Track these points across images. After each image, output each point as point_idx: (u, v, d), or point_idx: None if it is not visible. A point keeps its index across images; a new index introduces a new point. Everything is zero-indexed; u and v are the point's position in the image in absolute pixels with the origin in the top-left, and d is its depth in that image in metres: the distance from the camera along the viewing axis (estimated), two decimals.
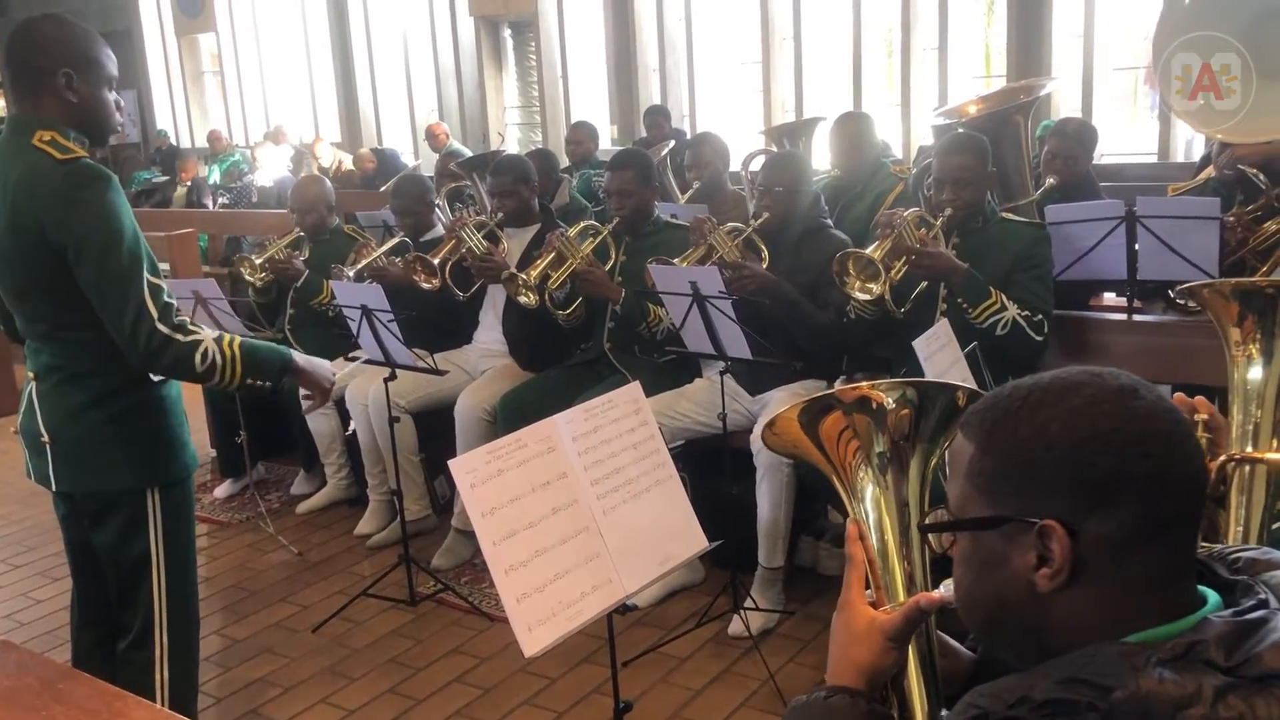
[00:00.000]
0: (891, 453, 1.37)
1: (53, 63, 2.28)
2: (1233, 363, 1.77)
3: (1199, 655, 0.92)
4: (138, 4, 14.15)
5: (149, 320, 2.24)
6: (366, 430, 4.27)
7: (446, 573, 3.92)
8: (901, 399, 1.37)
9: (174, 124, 14.52)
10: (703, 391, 3.71)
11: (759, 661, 3.20)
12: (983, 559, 1.05)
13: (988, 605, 1.06)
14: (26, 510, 4.85)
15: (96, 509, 2.45)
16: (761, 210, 3.68)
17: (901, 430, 1.37)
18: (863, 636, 1.24)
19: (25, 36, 2.30)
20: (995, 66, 9.27)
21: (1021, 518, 1.00)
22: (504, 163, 4.41)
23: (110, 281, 2.24)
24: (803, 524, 3.73)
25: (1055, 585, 0.99)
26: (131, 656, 2.50)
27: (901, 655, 1.25)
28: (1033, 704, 0.93)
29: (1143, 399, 0.99)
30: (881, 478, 1.37)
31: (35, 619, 3.82)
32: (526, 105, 11.82)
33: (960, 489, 1.06)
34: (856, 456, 1.38)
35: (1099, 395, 0.99)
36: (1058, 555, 0.98)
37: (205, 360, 2.31)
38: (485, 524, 1.97)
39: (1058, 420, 0.99)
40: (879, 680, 1.25)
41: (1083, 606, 0.99)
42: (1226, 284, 1.84)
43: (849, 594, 1.28)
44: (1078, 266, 3.82)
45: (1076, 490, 0.98)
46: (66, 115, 2.30)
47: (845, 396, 1.39)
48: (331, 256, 4.63)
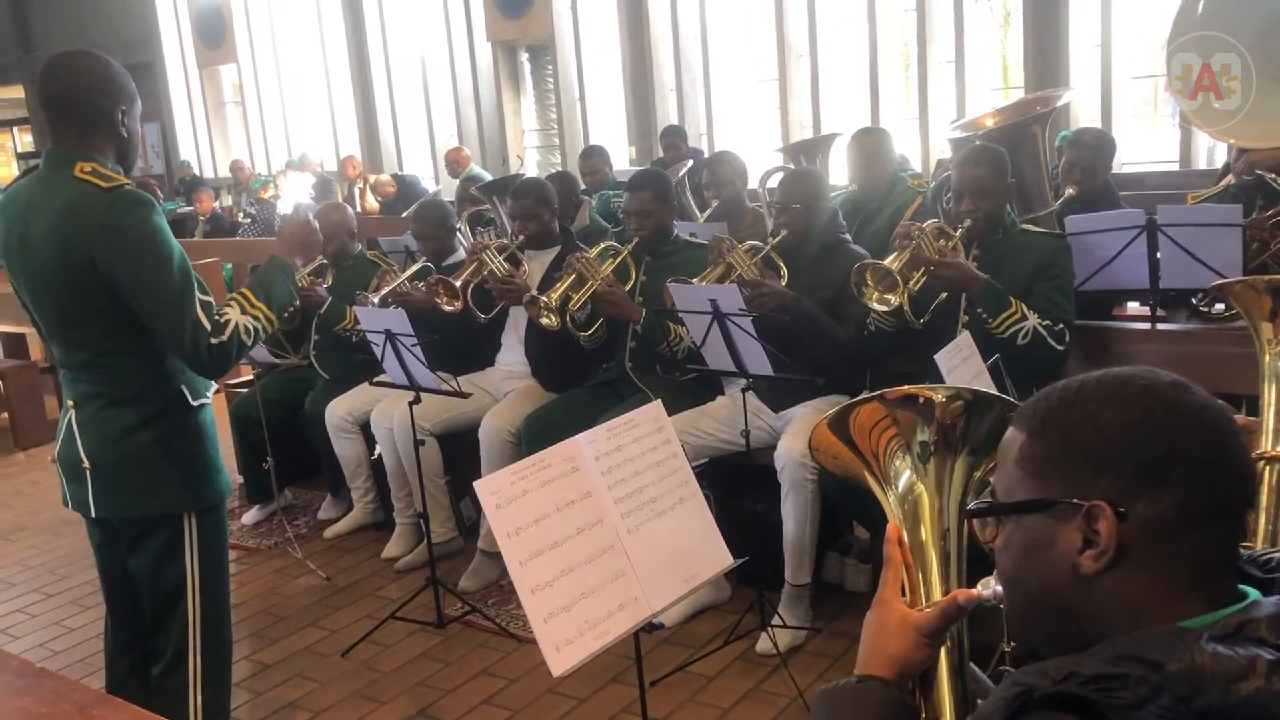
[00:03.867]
0: (938, 444, 1.36)
1: (111, 101, 2.35)
2: (1265, 358, 1.76)
3: (1250, 633, 0.93)
4: (160, 36, 14.37)
5: (205, 336, 2.34)
6: (392, 454, 4.29)
7: (474, 594, 3.93)
8: (955, 396, 1.37)
9: (197, 154, 14.71)
10: (725, 409, 3.72)
11: (787, 679, 3.19)
12: (1029, 542, 1.05)
13: (1032, 590, 1.06)
14: (58, 539, 4.90)
15: (135, 534, 2.49)
16: (780, 227, 3.69)
17: (950, 419, 1.36)
18: (895, 630, 1.25)
19: (75, 73, 2.34)
20: (1013, 78, 9.27)
21: (1070, 499, 1.01)
22: (524, 186, 4.44)
23: (165, 303, 2.31)
24: (828, 540, 3.72)
25: (1099, 567, 0.99)
26: (165, 681, 2.53)
27: (934, 652, 1.25)
28: (1081, 678, 0.93)
29: (1195, 394, 1.01)
30: (922, 466, 1.36)
31: (69, 647, 3.86)
32: (545, 128, 11.90)
33: (1009, 475, 1.07)
34: (894, 444, 1.38)
35: (1152, 386, 1.01)
36: (1104, 536, 0.98)
37: (250, 334, 2.45)
38: (511, 544, 1.98)
39: (1110, 406, 1.01)
40: (909, 673, 1.25)
41: (1126, 591, 0.99)
42: (1260, 280, 1.84)
43: (884, 592, 1.28)
44: (1100, 276, 3.81)
45: (1126, 471, 0.99)
46: (113, 148, 2.37)
47: (890, 395, 1.40)
48: (354, 283, 4.67)
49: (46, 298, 2.38)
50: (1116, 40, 8.09)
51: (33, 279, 2.37)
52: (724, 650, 3.42)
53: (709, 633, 3.54)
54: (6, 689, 1.87)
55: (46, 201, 2.31)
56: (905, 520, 1.35)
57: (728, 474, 3.68)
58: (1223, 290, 2.26)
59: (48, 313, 2.42)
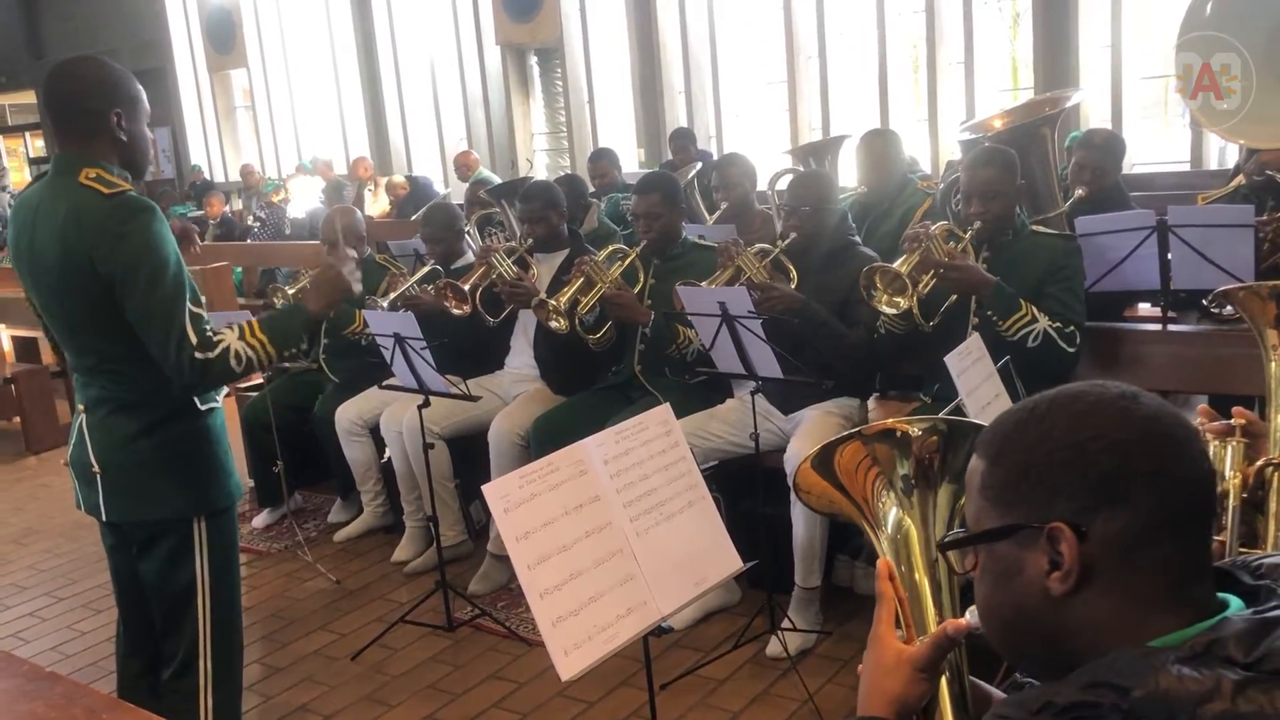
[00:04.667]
0: (917, 477, 1.37)
1: (105, 104, 2.35)
2: (1270, 363, 1.75)
3: (1217, 652, 0.92)
4: (170, 42, 14.43)
5: (190, 349, 2.30)
6: (401, 457, 4.30)
7: (483, 598, 3.94)
8: (930, 430, 1.38)
9: (208, 159, 14.76)
10: (734, 412, 3.71)
11: (797, 682, 3.19)
12: (999, 570, 1.06)
13: (1007, 617, 1.07)
14: (70, 544, 4.92)
15: (144, 538, 2.50)
16: (788, 230, 3.68)
17: (927, 455, 1.37)
18: (892, 669, 1.25)
19: (73, 79, 2.37)
20: (1023, 79, 9.24)
21: (1031, 523, 1.01)
22: (533, 189, 4.44)
23: (155, 310, 2.29)
24: (838, 543, 3.71)
25: (1067, 588, 1.00)
26: (176, 685, 2.53)
27: (932, 685, 1.26)
28: (1056, 709, 0.93)
29: (1144, 404, 1.01)
30: (906, 500, 1.37)
31: (80, 650, 3.87)
32: (554, 131, 11.91)
33: (975, 505, 1.08)
34: (878, 483, 1.38)
35: (1100, 400, 1.02)
36: (1067, 557, 0.99)
37: (240, 361, 2.37)
38: (519, 548, 1.98)
39: (1060, 425, 1.01)
40: (909, 710, 1.25)
41: (1098, 610, 1.00)
42: (1264, 286, 1.83)
43: (878, 629, 1.29)
44: (1110, 278, 3.80)
45: (1081, 490, 0.99)
46: (115, 153, 2.38)
47: (867, 431, 1.40)
48: (364, 286, 4.66)
49: (54, 302, 2.39)
50: (1127, 41, 8.06)
51: (41, 284, 2.39)
52: (734, 654, 3.41)
53: (719, 636, 3.54)
54: (17, 693, 1.88)
55: (52, 207, 2.32)
56: (897, 555, 1.35)
57: (737, 477, 3.67)
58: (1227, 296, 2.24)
59: (57, 317, 2.43)
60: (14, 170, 17.76)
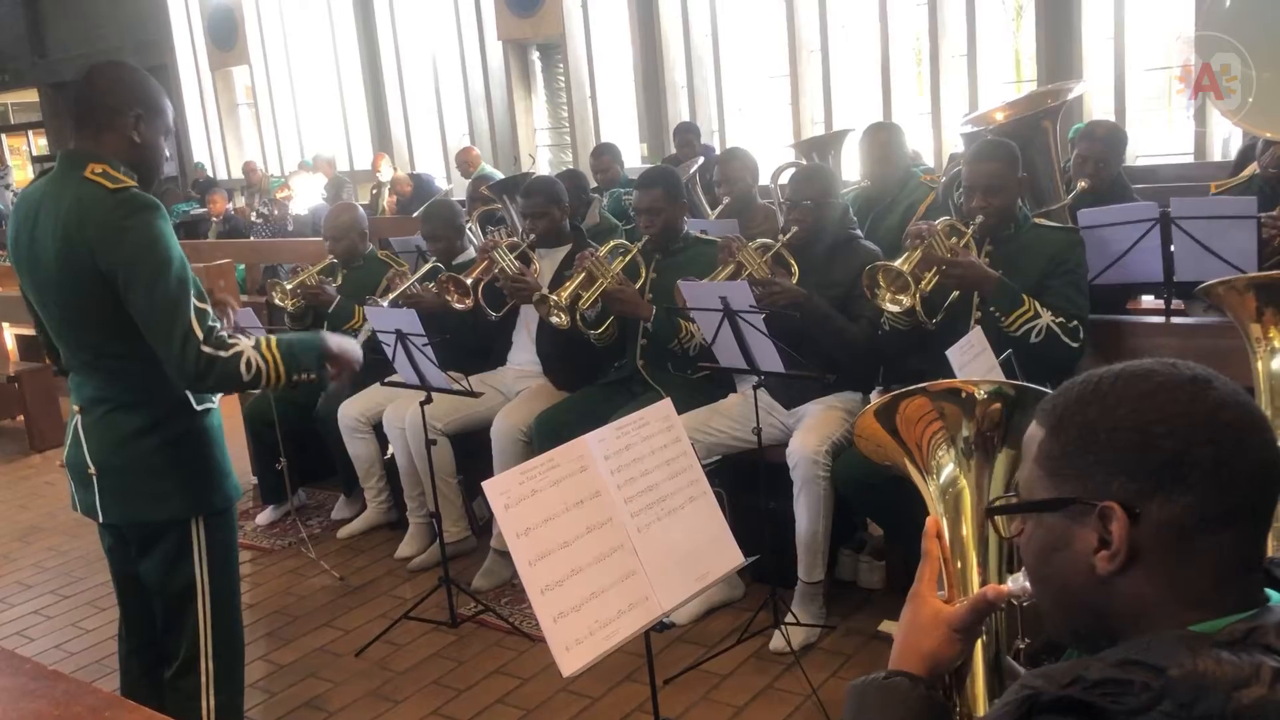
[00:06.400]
0: (978, 441, 1.36)
1: (125, 102, 2.36)
2: (1256, 359, 1.75)
3: (1258, 639, 0.92)
4: (173, 39, 14.43)
5: (195, 344, 2.28)
6: (404, 454, 4.30)
7: (487, 594, 3.94)
8: (995, 394, 1.37)
9: (210, 156, 14.76)
10: (737, 406, 3.71)
11: (801, 677, 3.19)
12: (1048, 542, 1.05)
13: (1053, 590, 1.06)
14: (73, 541, 4.93)
15: (143, 539, 2.49)
16: (790, 224, 3.67)
17: (990, 420, 1.36)
18: (928, 626, 1.25)
19: (103, 75, 2.40)
20: (1025, 71, 9.21)
21: (1084, 499, 1.00)
22: (535, 184, 4.44)
23: (160, 307, 2.28)
24: (842, 537, 3.71)
25: (1113, 568, 0.98)
26: (178, 684, 2.53)
27: (966, 647, 1.25)
28: (1087, 683, 0.92)
29: (1215, 389, 0.99)
30: (965, 461, 1.36)
31: (84, 648, 3.88)
32: (556, 126, 11.90)
33: (1029, 472, 1.07)
34: (938, 436, 1.38)
35: (1169, 382, 0.99)
36: (1116, 538, 0.98)
37: (250, 369, 2.35)
38: (520, 544, 1.98)
39: (1125, 404, 0.99)
40: (941, 669, 1.25)
41: (1143, 592, 0.99)
42: (1240, 279, 1.82)
43: (919, 586, 1.29)
44: (1113, 270, 3.79)
45: (1139, 473, 0.97)
46: (125, 153, 2.37)
47: (933, 387, 1.40)
48: (365, 282, 4.68)
49: (50, 297, 2.38)
50: (1129, 33, 8.04)
51: (38, 278, 2.37)
52: (737, 648, 3.41)
53: (722, 631, 3.54)
54: (20, 691, 1.88)
55: (56, 201, 2.32)
56: (946, 513, 1.34)
57: (740, 472, 3.68)
58: (1207, 294, 2.20)
59: (52, 313, 2.42)
60: (17, 169, 17.79)
